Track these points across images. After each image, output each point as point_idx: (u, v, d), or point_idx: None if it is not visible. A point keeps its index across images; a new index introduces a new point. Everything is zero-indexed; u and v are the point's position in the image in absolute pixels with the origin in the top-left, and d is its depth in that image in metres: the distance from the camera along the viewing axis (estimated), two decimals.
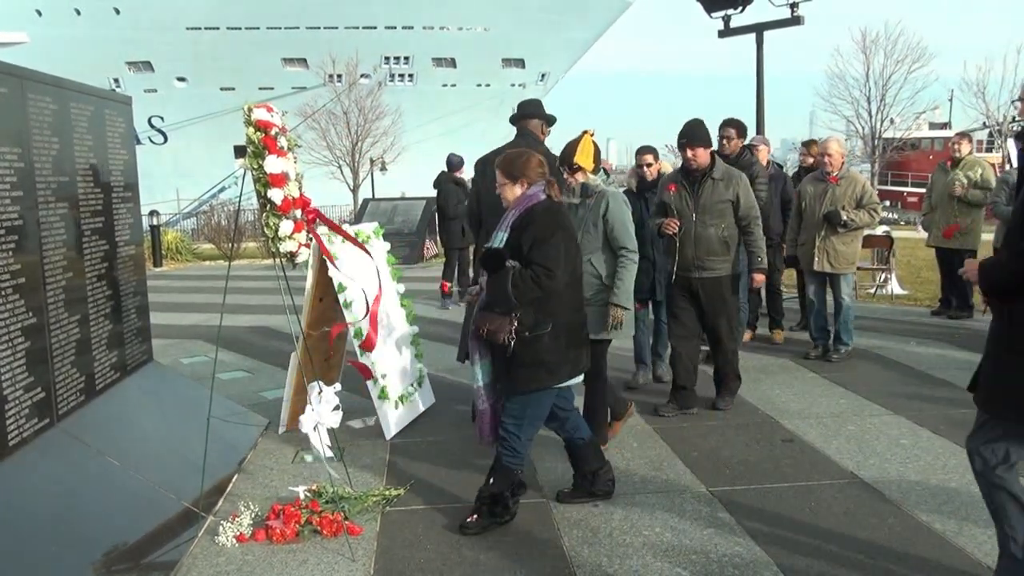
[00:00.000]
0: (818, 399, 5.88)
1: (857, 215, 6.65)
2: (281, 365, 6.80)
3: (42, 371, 3.74)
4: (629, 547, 3.65)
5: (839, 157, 6.79)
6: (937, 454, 4.68)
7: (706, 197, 5.38)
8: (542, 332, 3.74)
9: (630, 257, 4.62)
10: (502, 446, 3.86)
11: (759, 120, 14.71)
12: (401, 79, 35.34)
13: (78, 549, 3.35)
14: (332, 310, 5.25)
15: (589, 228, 4.62)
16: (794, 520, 3.87)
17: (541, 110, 5.51)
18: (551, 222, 3.77)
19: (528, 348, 3.72)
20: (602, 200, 4.63)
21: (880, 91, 22.45)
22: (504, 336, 3.68)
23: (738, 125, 6.72)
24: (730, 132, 6.68)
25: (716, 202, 5.38)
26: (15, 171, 3.57)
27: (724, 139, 6.66)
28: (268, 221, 3.98)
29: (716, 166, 5.43)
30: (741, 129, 6.70)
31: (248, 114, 3.90)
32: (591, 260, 4.61)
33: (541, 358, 3.76)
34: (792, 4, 13.86)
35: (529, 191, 3.84)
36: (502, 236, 3.82)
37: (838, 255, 6.76)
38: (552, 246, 3.71)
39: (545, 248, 3.69)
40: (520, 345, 3.70)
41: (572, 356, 3.88)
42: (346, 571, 3.53)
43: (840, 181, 6.70)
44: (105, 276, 4.54)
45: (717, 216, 5.38)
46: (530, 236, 3.71)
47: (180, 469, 4.27)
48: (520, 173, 3.86)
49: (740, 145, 6.68)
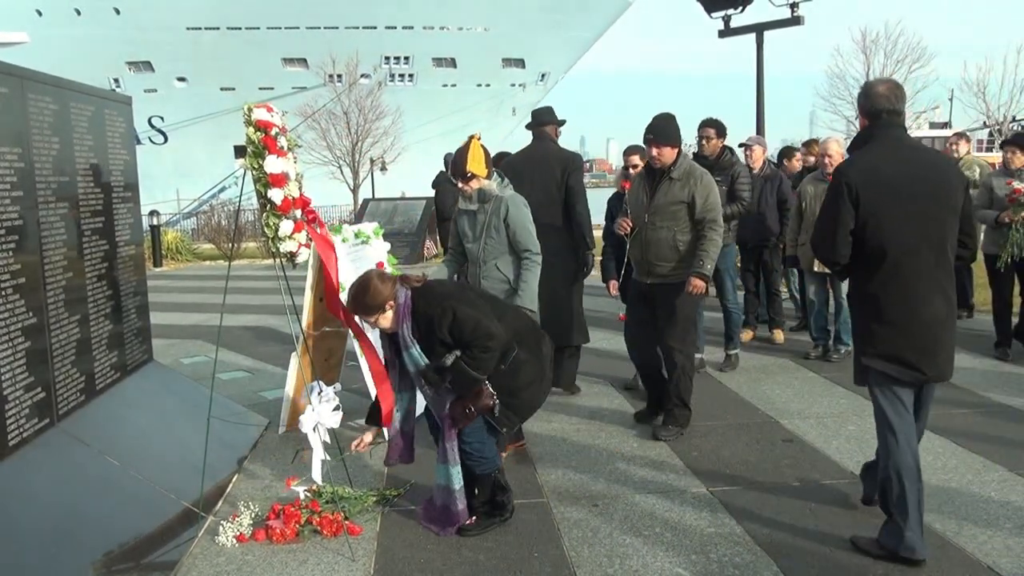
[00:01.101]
0: (818, 399, 5.88)
1: None
2: (281, 365, 6.80)
3: (42, 371, 3.74)
4: (629, 547, 3.65)
5: (839, 157, 6.73)
6: (937, 454, 4.68)
7: (659, 197, 5.04)
8: (514, 355, 3.74)
9: (534, 259, 4.63)
10: (470, 460, 3.82)
11: (759, 120, 14.72)
12: (401, 79, 35.31)
13: (78, 549, 3.35)
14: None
15: (491, 233, 4.63)
16: (794, 520, 3.87)
17: (553, 116, 6.17)
18: (439, 302, 3.62)
19: (516, 374, 3.73)
20: (501, 205, 4.61)
21: None
22: (490, 400, 3.69)
23: (717, 125, 6.57)
24: (709, 132, 6.53)
25: (669, 203, 5.01)
26: (15, 171, 3.57)
27: (703, 139, 6.54)
28: (268, 221, 3.99)
29: (677, 165, 5.02)
30: (720, 129, 6.56)
31: (248, 114, 3.90)
32: (497, 264, 4.66)
33: (532, 374, 3.80)
34: (792, 4, 13.88)
35: (398, 302, 3.65)
36: (415, 351, 3.66)
37: None
38: (464, 318, 3.58)
39: (463, 324, 3.57)
40: (504, 379, 3.70)
41: (545, 352, 3.91)
42: (346, 571, 3.53)
43: None
44: (105, 276, 4.54)
45: (669, 218, 5.00)
46: (439, 327, 3.59)
47: (180, 469, 4.27)
48: (375, 303, 3.64)
49: (720, 145, 6.54)
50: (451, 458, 3.77)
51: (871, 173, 3.41)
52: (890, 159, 3.42)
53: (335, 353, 5.66)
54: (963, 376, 6.31)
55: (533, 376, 3.81)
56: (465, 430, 3.78)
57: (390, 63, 34.83)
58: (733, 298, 6.81)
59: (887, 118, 3.45)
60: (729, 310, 6.76)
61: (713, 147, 6.48)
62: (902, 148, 3.47)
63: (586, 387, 6.16)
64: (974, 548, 3.53)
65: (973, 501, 4.02)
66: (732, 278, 6.86)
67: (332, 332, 5.44)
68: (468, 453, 3.82)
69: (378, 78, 31.67)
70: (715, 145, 6.49)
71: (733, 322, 6.77)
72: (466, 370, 3.61)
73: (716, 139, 6.50)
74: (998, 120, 23.31)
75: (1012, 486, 4.19)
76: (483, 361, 3.61)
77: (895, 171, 3.38)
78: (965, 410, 5.52)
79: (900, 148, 3.46)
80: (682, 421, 5.12)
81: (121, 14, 32.64)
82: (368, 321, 3.75)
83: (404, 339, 3.67)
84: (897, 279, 3.37)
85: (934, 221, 3.37)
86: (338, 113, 27.21)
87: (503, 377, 3.71)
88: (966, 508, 3.94)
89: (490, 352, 3.61)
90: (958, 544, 3.58)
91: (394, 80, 34.64)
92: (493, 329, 3.62)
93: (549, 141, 6.04)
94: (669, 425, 5.09)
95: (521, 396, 3.79)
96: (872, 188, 3.37)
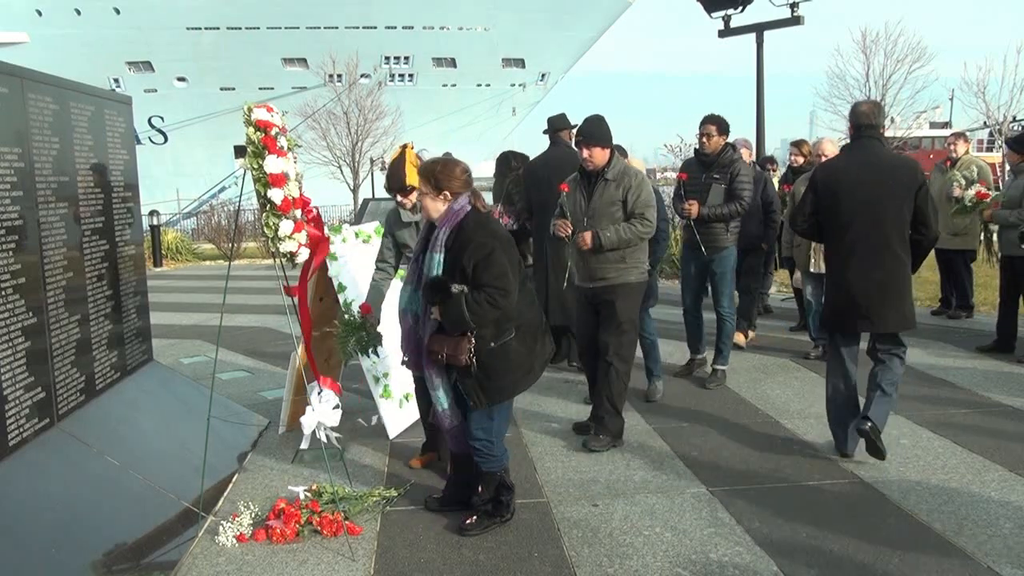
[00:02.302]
0: (818, 399, 5.84)
1: None
2: (281, 365, 6.80)
3: (42, 371, 3.74)
4: (629, 547, 3.65)
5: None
6: (937, 454, 4.68)
7: (596, 199, 4.93)
8: (508, 340, 3.68)
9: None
10: (478, 456, 3.84)
11: (759, 120, 14.72)
12: (401, 79, 35.29)
13: (78, 549, 3.35)
14: (332, 310, 5.25)
15: None
16: (794, 520, 3.87)
17: (567, 122, 6.63)
18: (487, 237, 3.60)
19: (499, 358, 3.67)
20: None
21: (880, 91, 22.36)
22: (465, 357, 3.60)
23: (719, 122, 6.24)
24: (710, 129, 6.20)
25: (606, 204, 4.90)
26: (15, 171, 3.57)
27: (704, 136, 6.21)
28: (268, 221, 3.97)
29: (611, 166, 4.92)
30: (722, 126, 6.22)
31: (248, 114, 3.89)
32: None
33: (518, 363, 3.72)
34: (792, 4, 13.87)
35: (455, 205, 3.67)
36: (438, 258, 3.64)
37: None
38: (497, 263, 3.55)
39: (492, 268, 3.54)
40: (489, 357, 3.65)
41: (540, 350, 3.84)
42: (346, 571, 3.52)
43: None
44: (105, 276, 4.54)
45: (608, 220, 4.88)
46: (470, 257, 3.56)
47: (180, 469, 4.27)
48: (444, 185, 3.66)
49: (722, 143, 6.21)
50: (432, 386, 3.79)
51: (832, 172, 4.55)
52: (855, 162, 4.47)
53: (335, 353, 5.65)
54: (963, 376, 6.31)
55: (518, 366, 3.74)
56: (473, 427, 3.78)
57: (390, 63, 34.81)
58: (729, 305, 6.38)
59: (865, 131, 4.48)
60: (723, 317, 6.34)
61: (715, 144, 6.18)
62: (869, 154, 4.46)
63: (585, 387, 6.15)
64: (974, 548, 3.53)
65: (973, 501, 4.02)
66: (730, 284, 6.40)
67: (332, 332, 5.44)
68: (477, 449, 3.82)
69: (378, 78, 31.63)
70: (716, 142, 6.19)
71: (726, 333, 6.36)
72: (462, 307, 3.53)
73: (718, 136, 6.19)
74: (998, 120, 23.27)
75: (1012, 486, 4.19)
76: (483, 310, 3.54)
77: (854, 172, 4.44)
78: (965, 410, 5.52)
79: (868, 154, 4.46)
80: (615, 431, 4.93)
81: (121, 14, 32.63)
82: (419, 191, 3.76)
83: (437, 240, 3.66)
84: (846, 251, 4.45)
85: (879, 211, 4.36)
86: (338, 113, 27.17)
87: (490, 355, 3.66)
88: (966, 508, 3.94)
89: (494, 307, 3.54)
90: (958, 544, 3.58)
91: (394, 80, 34.62)
92: (511, 289, 3.57)
93: (565, 146, 6.49)
94: (600, 435, 4.89)
95: (498, 381, 3.70)
96: (831, 184, 4.49)
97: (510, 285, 3.58)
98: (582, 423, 5.23)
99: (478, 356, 3.62)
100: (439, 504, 4.08)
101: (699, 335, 6.59)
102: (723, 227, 6.13)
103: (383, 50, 33.80)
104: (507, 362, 3.69)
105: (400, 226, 4.71)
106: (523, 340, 3.74)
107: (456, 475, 4.11)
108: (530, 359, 3.79)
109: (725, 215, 6.06)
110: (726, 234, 6.15)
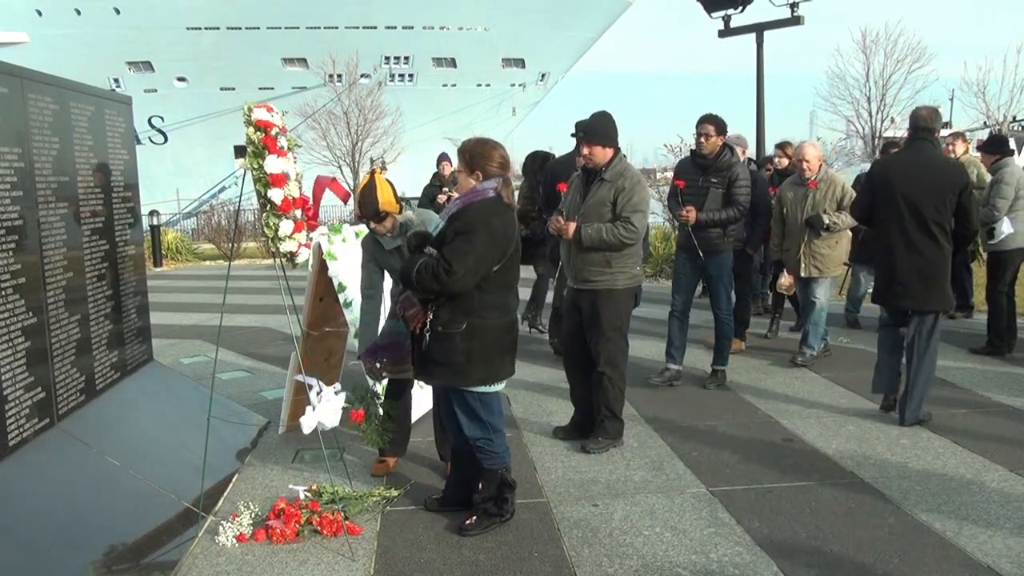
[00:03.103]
0: (818, 399, 5.88)
1: (839, 217, 6.49)
2: (281, 365, 6.80)
3: (42, 371, 3.74)
4: (629, 547, 3.65)
5: (816, 161, 6.65)
6: (937, 454, 4.68)
7: (590, 198, 4.85)
8: (454, 331, 3.65)
9: None
10: (480, 453, 3.85)
11: (759, 120, 14.72)
12: (401, 79, 35.28)
13: (78, 549, 3.35)
14: (332, 310, 5.25)
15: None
16: (794, 520, 3.87)
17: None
18: (479, 221, 3.59)
19: (440, 344, 3.67)
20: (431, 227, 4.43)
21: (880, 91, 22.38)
22: (417, 325, 3.66)
23: (717, 121, 5.99)
24: (708, 129, 5.95)
25: (597, 204, 4.81)
26: (15, 171, 3.57)
27: (702, 137, 5.97)
28: (268, 221, 3.98)
29: (610, 166, 4.81)
30: (720, 126, 5.99)
31: (248, 114, 3.89)
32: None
33: (451, 357, 3.67)
34: (792, 4, 13.88)
35: (479, 186, 3.69)
36: (437, 221, 3.81)
37: (824, 259, 6.61)
38: (465, 242, 3.53)
39: (457, 243, 3.54)
40: (433, 340, 3.66)
41: (489, 361, 3.72)
42: (346, 571, 3.53)
43: (819, 185, 6.58)
44: (105, 276, 4.54)
45: (596, 220, 4.79)
46: (453, 229, 3.60)
47: (180, 469, 4.27)
48: (478, 165, 3.70)
49: (719, 143, 5.97)
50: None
51: (887, 168, 5.25)
52: (908, 161, 5.12)
53: (335, 353, 5.66)
54: (963, 376, 6.32)
55: (452, 361, 3.66)
56: (463, 426, 3.82)
57: (390, 63, 34.80)
58: (727, 307, 6.26)
59: (921, 133, 5.11)
60: (722, 320, 6.23)
61: (712, 145, 5.95)
62: (921, 154, 5.08)
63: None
64: (974, 548, 3.53)
65: (973, 501, 4.02)
66: (727, 286, 6.26)
67: (332, 332, 5.45)
68: (478, 447, 3.84)
69: (378, 78, 31.62)
70: (714, 143, 5.95)
71: (724, 335, 6.25)
72: (415, 265, 3.56)
73: (716, 136, 5.96)
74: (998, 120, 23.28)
75: (1012, 486, 4.19)
76: (423, 276, 3.53)
77: (907, 169, 5.06)
78: (965, 410, 5.52)
79: (920, 154, 5.09)
80: (613, 433, 4.92)
81: (121, 14, 32.61)
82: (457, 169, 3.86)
83: (449, 209, 3.76)
84: (894, 239, 5.09)
85: (924, 205, 4.96)
86: (338, 113, 27.17)
87: (435, 337, 3.65)
88: (966, 508, 3.94)
89: (434, 277, 3.51)
90: (958, 544, 3.58)
91: (394, 80, 34.60)
92: (458, 271, 3.49)
93: None
94: (599, 437, 4.89)
95: (431, 363, 3.71)
96: (885, 178, 5.14)
97: (460, 267, 3.50)
98: (561, 427, 5.21)
99: (430, 331, 3.67)
100: (439, 504, 4.09)
101: (680, 341, 6.28)
102: (720, 231, 6.01)
103: (383, 50, 33.79)
104: (443, 352, 3.67)
105: (384, 254, 4.45)
106: (468, 339, 3.65)
107: (456, 475, 4.11)
108: (464, 361, 3.66)
109: (723, 220, 5.93)
110: (724, 238, 6.04)
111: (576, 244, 4.86)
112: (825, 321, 6.85)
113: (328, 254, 5.00)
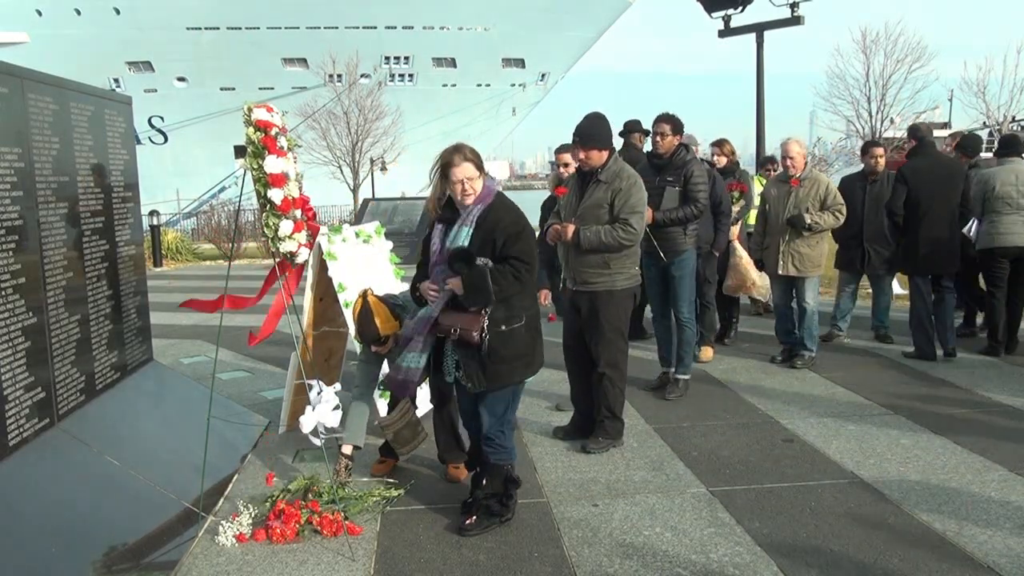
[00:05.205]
0: (818, 399, 5.88)
1: (821, 217, 6.46)
2: (281, 365, 6.80)
3: (42, 371, 3.74)
4: (629, 547, 3.65)
5: (801, 159, 6.61)
6: (937, 454, 4.68)
7: (586, 200, 4.83)
8: (517, 326, 3.75)
9: None
10: (488, 446, 3.87)
11: (759, 120, 14.74)
12: (401, 79, 35.31)
13: (78, 549, 3.35)
14: (332, 310, 5.26)
15: None
16: (794, 520, 3.87)
17: (640, 126, 7.58)
18: (520, 216, 3.77)
19: (506, 343, 3.71)
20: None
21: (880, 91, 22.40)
22: (478, 334, 3.65)
23: (673, 121, 5.94)
24: (664, 128, 5.88)
25: (594, 206, 4.80)
26: (15, 171, 3.57)
27: (658, 135, 5.90)
28: (268, 221, 3.98)
29: (606, 168, 4.80)
30: (676, 125, 5.93)
31: (248, 114, 3.90)
32: None
33: (520, 351, 3.76)
34: (792, 4, 13.90)
35: (488, 184, 3.79)
36: (466, 231, 3.70)
37: (803, 258, 6.56)
38: (526, 239, 3.71)
39: (521, 242, 3.68)
40: (496, 341, 3.68)
41: (540, 347, 3.92)
42: (346, 571, 3.53)
43: (803, 183, 6.54)
44: (105, 276, 4.54)
45: (593, 222, 4.78)
46: (503, 231, 3.66)
47: (180, 469, 4.27)
48: (481, 165, 3.78)
49: (675, 143, 5.90)
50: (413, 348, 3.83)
51: (915, 169, 6.78)
52: (927, 163, 6.81)
53: (335, 353, 5.67)
54: (963, 376, 6.32)
55: (521, 354, 3.77)
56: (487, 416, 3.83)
57: (390, 63, 34.83)
58: (689, 311, 5.99)
59: (925, 142, 7.04)
60: (683, 324, 5.98)
61: (668, 144, 5.87)
62: (931, 158, 6.92)
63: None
64: (974, 548, 3.53)
65: (973, 501, 4.02)
66: (689, 288, 5.99)
67: (332, 332, 5.45)
68: (488, 439, 3.85)
69: (378, 78, 31.66)
70: (670, 142, 5.87)
71: (686, 340, 6.01)
72: (486, 278, 3.56)
73: (672, 136, 5.88)
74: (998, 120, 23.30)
75: (1012, 486, 4.19)
76: (507, 281, 3.62)
77: (930, 169, 6.74)
78: (965, 410, 5.52)
79: (931, 158, 6.91)
80: (614, 433, 4.93)
81: (121, 14, 32.64)
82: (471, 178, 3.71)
83: (469, 215, 3.71)
84: (920, 221, 6.67)
85: (941, 194, 6.67)
86: (338, 113, 27.19)
87: (497, 338, 3.68)
88: (966, 508, 3.94)
89: (518, 279, 3.65)
90: (958, 544, 3.58)
91: (394, 80, 34.63)
92: (536, 266, 3.74)
93: (633, 148, 7.38)
94: (599, 437, 4.90)
95: (500, 365, 3.72)
96: (915, 176, 6.70)
97: (535, 262, 3.73)
98: (561, 427, 5.22)
99: (488, 335, 3.67)
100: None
101: (669, 345, 6.15)
102: (680, 230, 5.84)
103: (383, 50, 33.82)
104: (512, 348, 3.75)
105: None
106: (529, 330, 3.82)
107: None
108: (531, 351, 3.85)
109: (681, 218, 5.78)
110: (684, 237, 5.85)
111: (575, 246, 4.86)
112: (818, 322, 6.83)
113: (328, 254, 5.01)
